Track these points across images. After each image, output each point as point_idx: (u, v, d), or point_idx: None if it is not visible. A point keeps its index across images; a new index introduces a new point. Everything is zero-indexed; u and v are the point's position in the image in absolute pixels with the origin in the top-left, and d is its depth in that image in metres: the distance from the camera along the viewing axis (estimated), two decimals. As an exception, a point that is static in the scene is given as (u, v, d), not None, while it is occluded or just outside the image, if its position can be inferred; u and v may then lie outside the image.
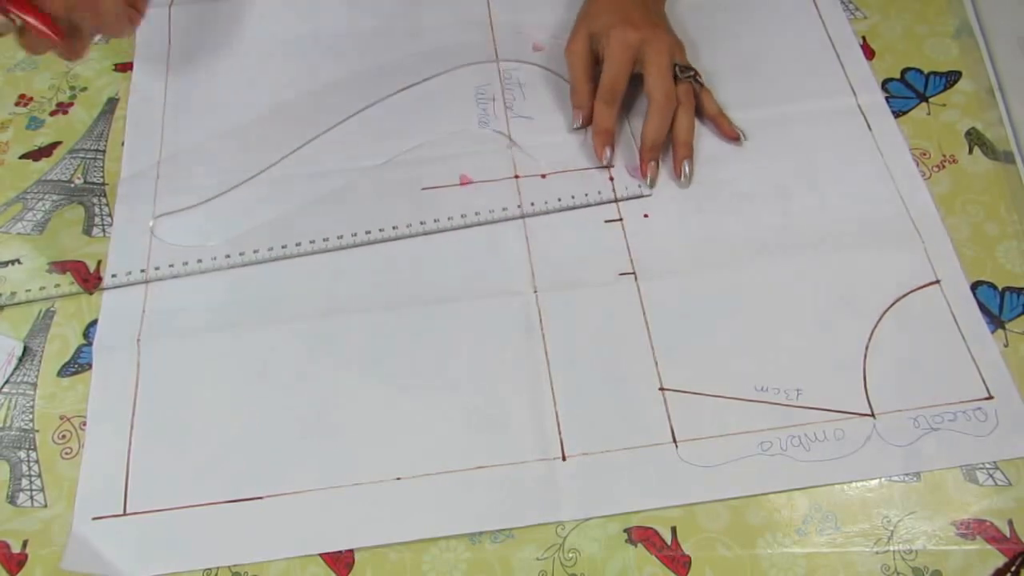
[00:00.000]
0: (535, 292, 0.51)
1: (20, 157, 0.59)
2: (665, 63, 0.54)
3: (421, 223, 0.54)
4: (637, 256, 0.52)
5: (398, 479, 0.46)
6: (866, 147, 0.56)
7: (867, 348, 0.49)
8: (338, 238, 0.54)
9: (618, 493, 0.45)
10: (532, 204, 0.55)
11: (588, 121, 0.57)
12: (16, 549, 0.45)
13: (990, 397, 0.47)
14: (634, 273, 0.52)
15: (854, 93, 0.58)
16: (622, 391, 0.48)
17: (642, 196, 0.55)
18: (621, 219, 0.54)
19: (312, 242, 0.54)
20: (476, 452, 0.46)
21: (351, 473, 0.46)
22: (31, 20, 0.45)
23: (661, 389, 0.48)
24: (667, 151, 0.56)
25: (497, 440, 0.47)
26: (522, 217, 0.54)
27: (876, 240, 0.52)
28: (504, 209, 0.54)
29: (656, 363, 0.49)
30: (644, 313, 0.50)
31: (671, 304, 0.51)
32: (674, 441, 0.46)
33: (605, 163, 0.56)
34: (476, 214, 0.54)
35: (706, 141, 0.57)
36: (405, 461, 0.46)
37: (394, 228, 0.54)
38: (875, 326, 0.49)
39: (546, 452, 0.46)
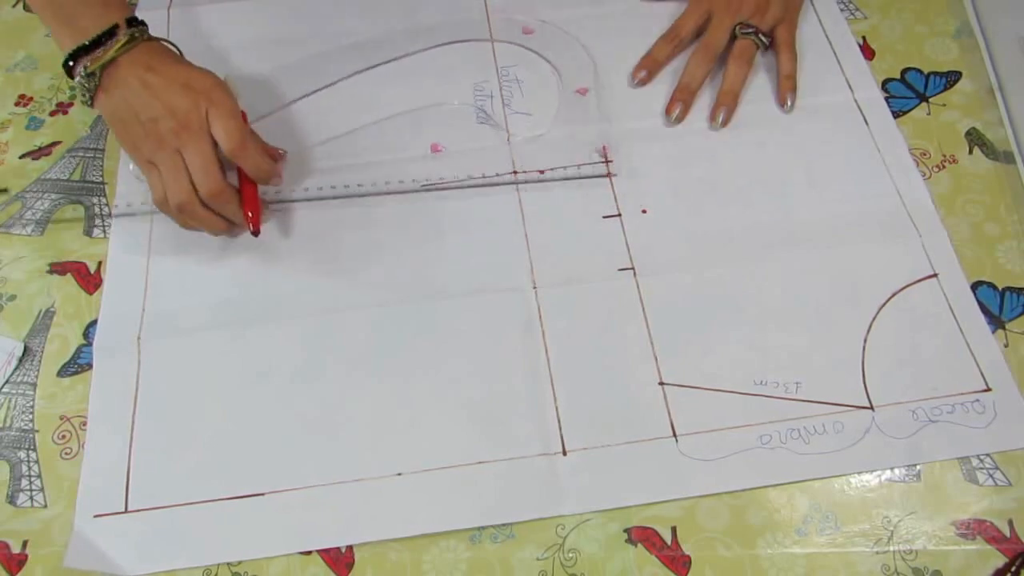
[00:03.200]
0: (535, 288, 0.51)
1: (20, 157, 0.59)
2: (726, 22, 0.58)
3: (427, 179, 0.56)
4: (636, 252, 0.53)
5: (399, 475, 0.46)
6: (863, 142, 0.56)
7: (865, 341, 0.49)
8: (344, 187, 0.56)
9: (619, 487, 0.45)
10: (525, 171, 0.56)
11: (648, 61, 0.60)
12: (16, 549, 0.45)
13: (988, 389, 0.47)
14: (633, 269, 0.52)
15: (851, 89, 0.59)
16: (622, 386, 0.48)
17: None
18: (620, 215, 0.54)
19: (306, 189, 0.55)
20: (477, 447, 0.47)
21: (352, 469, 0.46)
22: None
23: (661, 384, 0.48)
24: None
25: (498, 435, 0.47)
26: (515, 183, 0.56)
27: (874, 234, 0.53)
28: (496, 175, 0.56)
29: (655, 358, 0.49)
30: (643, 308, 0.50)
31: (670, 299, 0.51)
32: (674, 435, 0.47)
33: (635, 82, 0.59)
34: (469, 176, 0.55)
35: (704, 136, 0.57)
36: (406, 457, 0.47)
37: (386, 183, 0.56)
38: (873, 319, 0.50)
39: (547, 447, 0.46)
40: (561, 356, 0.49)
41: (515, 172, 0.56)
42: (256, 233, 0.52)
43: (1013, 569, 0.43)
